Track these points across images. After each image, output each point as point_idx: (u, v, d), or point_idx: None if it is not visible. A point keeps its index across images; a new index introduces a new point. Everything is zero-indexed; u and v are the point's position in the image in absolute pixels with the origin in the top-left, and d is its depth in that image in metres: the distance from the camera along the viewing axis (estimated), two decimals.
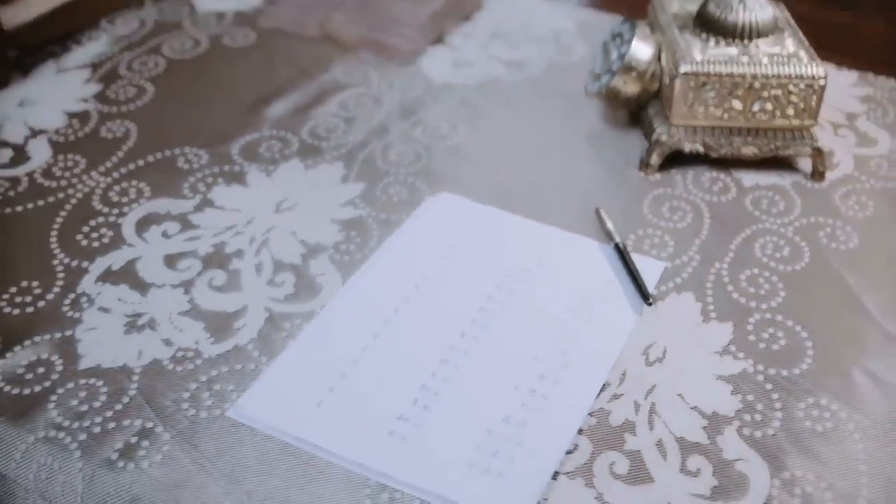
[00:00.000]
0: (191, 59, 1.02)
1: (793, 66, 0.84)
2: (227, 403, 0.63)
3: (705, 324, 0.71)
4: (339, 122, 0.92)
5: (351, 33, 1.06)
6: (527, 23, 1.12)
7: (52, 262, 0.74)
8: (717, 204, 0.84)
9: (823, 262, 0.78)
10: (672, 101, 0.85)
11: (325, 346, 0.67)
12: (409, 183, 0.85)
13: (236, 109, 0.93)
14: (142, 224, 0.78)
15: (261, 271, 0.74)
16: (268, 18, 1.09)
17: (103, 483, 0.58)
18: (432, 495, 0.57)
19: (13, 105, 0.92)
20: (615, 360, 0.67)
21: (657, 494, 0.58)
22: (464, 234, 0.79)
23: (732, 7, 0.86)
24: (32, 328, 0.68)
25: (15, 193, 0.81)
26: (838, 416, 0.64)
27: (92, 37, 1.04)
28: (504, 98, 0.98)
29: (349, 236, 0.78)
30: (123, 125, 0.90)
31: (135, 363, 0.65)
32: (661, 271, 0.76)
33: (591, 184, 0.86)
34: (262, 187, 0.83)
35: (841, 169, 0.89)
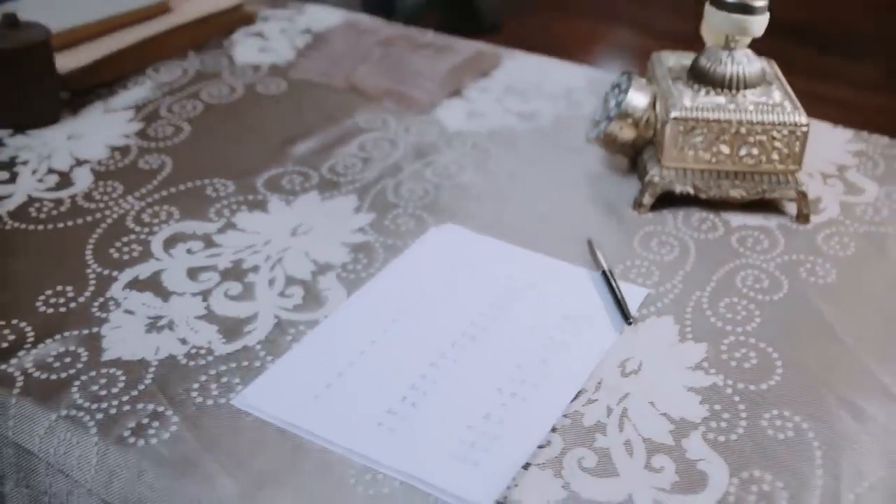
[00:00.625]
0: (226, 103, 1.11)
1: (777, 114, 0.90)
2: (232, 394, 0.69)
3: (681, 343, 0.76)
4: (357, 161, 1.00)
5: (374, 85, 1.14)
6: (541, 80, 1.20)
7: (85, 271, 0.81)
8: (704, 241, 0.89)
9: (801, 293, 0.82)
10: (664, 144, 0.92)
11: (325, 349, 0.74)
12: (417, 215, 0.91)
13: (264, 148, 1.01)
14: (169, 242, 0.86)
15: (273, 284, 0.81)
16: (299, 70, 1.19)
17: (115, 456, 0.64)
18: (412, 477, 0.62)
19: (62, 138, 1.01)
20: (592, 370, 0.72)
21: (620, 486, 0.63)
22: (462, 260, 0.85)
23: (722, 60, 0.93)
24: (63, 325, 0.75)
25: (57, 213, 0.89)
26: (800, 426, 0.68)
27: (138, 82, 1.14)
28: (512, 144, 1.05)
29: (357, 258, 0.85)
30: (160, 158, 0.99)
31: (152, 357, 0.72)
32: (644, 296, 0.81)
33: (586, 220, 0.92)
34: (281, 214, 0.90)
35: (826, 213, 0.94)
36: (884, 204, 0.96)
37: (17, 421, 0.67)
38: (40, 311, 0.76)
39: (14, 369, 0.70)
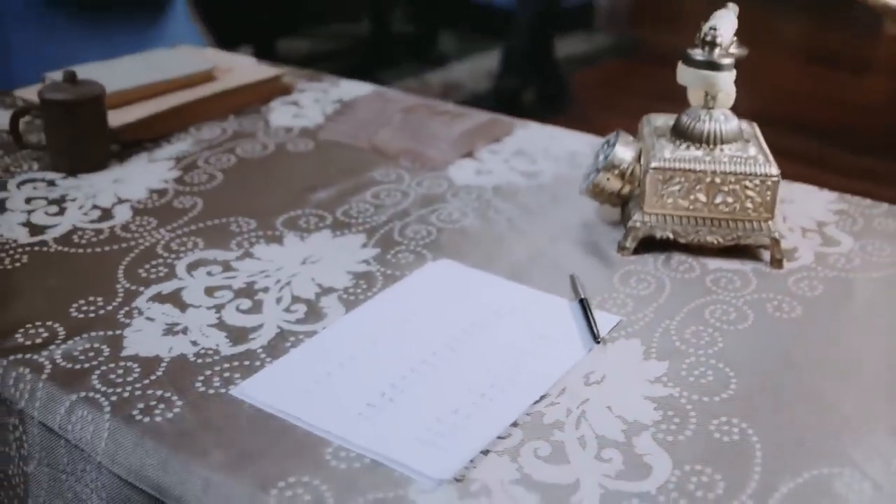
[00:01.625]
0: (258, 158, 1.23)
1: (749, 165, 0.98)
2: (231, 386, 0.77)
3: (645, 361, 0.83)
4: (370, 206, 1.10)
5: (394, 146, 1.25)
6: (548, 145, 1.29)
7: (115, 286, 0.91)
8: (680, 279, 0.96)
9: (764, 324, 0.89)
10: (645, 192, 1.00)
11: (319, 353, 0.82)
12: (417, 251, 1.00)
13: (287, 194, 1.12)
14: (192, 265, 0.96)
15: (280, 301, 0.90)
16: (326, 132, 1.30)
17: (122, 431, 0.72)
18: (380, 455, 0.70)
19: (108, 182, 1.13)
20: (557, 379, 0.79)
21: (570, 472, 0.69)
22: (453, 288, 0.93)
23: (701, 118, 1.02)
24: (91, 327, 0.85)
25: (97, 240, 1.00)
26: (746, 431, 0.74)
27: (180, 138, 1.26)
28: (513, 197, 1.14)
29: (358, 283, 0.93)
30: (193, 199, 1.10)
31: (165, 354, 0.81)
32: (616, 322, 0.88)
33: (573, 260, 1.00)
34: (294, 247, 1.00)
35: (801, 261, 1.01)
36: (857, 255, 1.02)
37: (42, 402, 0.77)
38: (72, 315, 0.86)
39: (44, 359, 0.80)
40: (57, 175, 1.14)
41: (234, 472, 0.68)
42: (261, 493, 0.66)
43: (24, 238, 1.00)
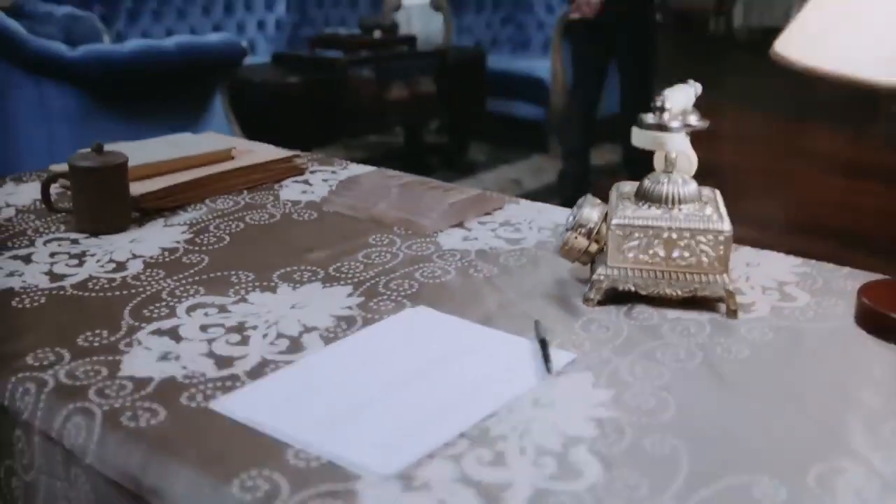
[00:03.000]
0: (265, 224, 1.34)
1: (703, 222, 1.06)
2: (212, 401, 0.86)
3: (593, 390, 0.90)
4: (360, 265, 1.20)
5: (390, 216, 1.36)
6: (535, 218, 1.39)
7: (120, 322, 1.01)
8: (638, 327, 1.04)
9: (711, 363, 0.95)
10: (608, 248, 1.08)
11: (293, 376, 0.90)
12: (398, 301, 1.09)
13: (286, 254, 1.22)
14: (191, 308, 1.06)
15: (266, 337, 0.99)
16: (329, 204, 1.42)
17: (111, 435, 0.81)
18: (334, 455, 0.77)
19: (125, 242, 1.25)
20: (507, 401, 0.86)
21: (506, 473, 0.76)
22: (426, 328, 1.02)
23: (661, 181, 1.11)
24: (93, 353, 0.94)
25: (109, 286, 1.11)
26: (677, 447, 0.80)
27: (196, 208, 1.38)
28: (495, 259, 1.23)
29: (339, 324, 1.02)
30: (200, 256, 1.21)
31: (157, 375, 0.90)
32: (571, 359, 0.95)
33: (541, 310, 1.07)
34: (286, 295, 1.10)
35: (757, 313, 1.08)
36: (812, 309, 1.09)
37: (43, 412, 0.86)
38: (78, 343, 0.96)
39: (48, 377, 0.89)
40: (81, 235, 1.26)
41: (203, 468, 0.76)
42: (224, 485, 0.74)
43: (45, 284, 1.11)
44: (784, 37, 0.94)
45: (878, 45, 0.84)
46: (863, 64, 0.85)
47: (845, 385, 0.92)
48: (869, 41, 0.85)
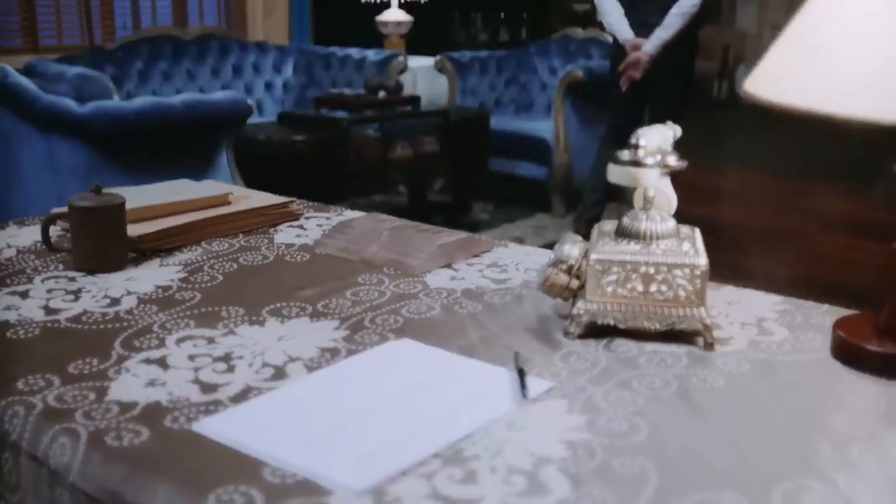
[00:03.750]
0: (258, 265, 1.37)
1: (678, 257, 1.09)
2: (194, 423, 0.88)
3: (567, 415, 0.92)
4: (348, 302, 1.23)
5: (380, 257, 1.39)
6: (522, 260, 1.42)
7: (111, 352, 1.04)
8: (616, 358, 1.06)
9: (685, 391, 0.97)
10: (588, 283, 1.11)
11: (275, 401, 0.93)
12: (383, 334, 1.12)
13: (277, 291, 1.26)
14: (181, 339, 1.08)
15: (251, 366, 1.01)
16: (322, 247, 1.45)
17: (94, 453, 0.83)
18: (310, 472, 0.79)
19: (122, 280, 1.28)
20: (482, 424, 0.88)
21: (477, 490, 0.78)
22: (407, 357, 1.04)
23: (639, 218, 1.14)
24: (82, 379, 0.97)
25: (102, 320, 1.14)
26: (647, 467, 0.82)
27: (192, 250, 1.42)
28: (480, 297, 1.26)
29: (323, 355, 1.05)
30: (193, 294, 1.24)
31: (142, 400, 0.93)
32: (548, 388, 0.98)
33: (521, 343, 1.10)
34: (274, 329, 1.13)
35: (734, 346, 1.10)
36: (789, 342, 1.11)
37: (31, 434, 0.88)
38: (69, 371, 0.99)
39: (37, 401, 0.92)
40: (78, 274, 1.30)
41: (181, 484, 0.78)
42: (201, 500, 0.76)
43: (40, 317, 1.15)
44: (752, 76, 0.98)
45: (838, 81, 0.88)
46: (824, 98, 0.88)
47: (816, 411, 0.94)
48: (829, 77, 0.89)
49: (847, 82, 0.86)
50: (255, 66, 4.97)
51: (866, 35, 0.88)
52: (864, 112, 0.85)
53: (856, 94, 0.85)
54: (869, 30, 0.88)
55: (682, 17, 3.82)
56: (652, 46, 3.84)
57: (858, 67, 0.86)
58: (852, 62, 0.87)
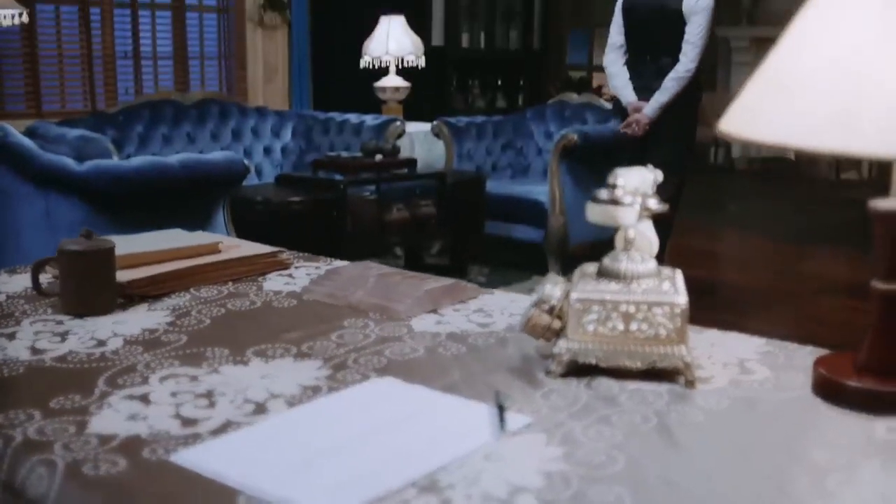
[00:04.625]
0: (245, 310, 1.38)
1: (659, 295, 1.10)
2: (172, 454, 0.89)
3: (546, 447, 0.92)
4: (332, 344, 1.23)
5: (367, 303, 1.40)
6: (507, 306, 1.43)
7: (94, 389, 1.05)
8: (596, 397, 1.06)
9: (665, 426, 0.98)
10: (569, 322, 1.12)
11: (254, 434, 0.93)
12: (365, 374, 1.13)
13: (262, 334, 1.26)
14: (164, 378, 1.09)
15: (233, 402, 1.02)
16: (310, 293, 1.46)
17: (71, 483, 0.83)
18: (283, 499, 0.79)
19: (109, 323, 1.29)
20: (459, 455, 0.89)
21: None
22: (389, 394, 1.05)
23: (620, 259, 1.15)
24: (64, 414, 0.97)
25: (87, 359, 1.15)
26: (622, 495, 0.82)
27: (181, 296, 1.43)
28: (464, 340, 1.26)
29: (304, 392, 1.05)
30: (179, 336, 1.25)
31: (122, 433, 0.93)
32: (527, 423, 0.98)
33: (503, 382, 1.10)
34: (257, 368, 1.13)
35: (715, 384, 1.10)
36: (770, 381, 1.11)
37: (9, 465, 0.88)
38: (51, 406, 1.00)
39: (17, 433, 0.93)
40: (67, 317, 1.31)
41: None
42: None
43: (26, 357, 1.15)
44: (727, 116, 1.01)
45: (806, 116, 0.90)
46: (793, 133, 0.90)
47: (795, 445, 0.94)
48: (798, 112, 0.91)
49: (815, 117, 0.89)
50: (255, 131, 5.04)
51: (833, 72, 0.90)
52: (831, 145, 0.87)
53: (823, 128, 0.87)
54: (835, 68, 0.90)
55: (677, 82, 4.03)
56: (651, 109, 4.05)
57: (825, 103, 0.88)
58: (820, 98, 0.89)
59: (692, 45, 3.97)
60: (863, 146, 0.86)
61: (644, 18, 4.12)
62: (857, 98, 0.87)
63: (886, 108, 0.86)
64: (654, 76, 4.09)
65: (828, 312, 4.17)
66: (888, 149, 0.84)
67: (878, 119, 0.85)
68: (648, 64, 4.13)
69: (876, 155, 0.85)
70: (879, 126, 0.85)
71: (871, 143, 0.85)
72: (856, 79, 0.88)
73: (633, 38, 4.17)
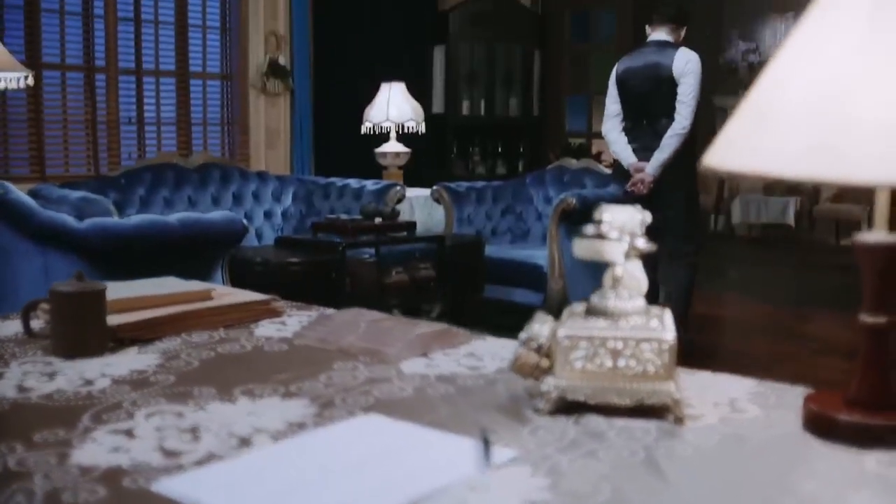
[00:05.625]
0: (235, 354, 1.38)
1: (646, 332, 1.10)
2: (153, 483, 0.88)
3: (531, 478, 0.91)
4: (321, 385, 1.23)
5: (357, 347, 1.40)
6: (498, 351, 1.43)
7: (78, 424, 1.04)
8: (585, 432, 1.05)
9: (653, 459, 0.97)
10: (556, 359, 1.12)
11: (237, 465, 0.92)
12: (352, 412, 1.12)
13: (251, 375, 1.26)
14: (150, 414, 1.08)
15: (218, 436, 1.01)
16: (301, 339, 1.46)
17: None
18: None
19: (99, 365, 1.29)
20: (441, 485, 0.88)
21: None
22: (377, 429, 1.04)
23: (608, 297, 1.16)
24: (46, 447, 0.97)
25: (74, 398, 1.14)
26: None
27: (172, 340, 1.43)
28: (453, 382, 1.26)
29: (290, 428, 1.05)
30: (168, 377, 1.25)
31: (104, 464, 0.92)
32: (511, 457, 0.97)
33: (492, 420, 1.10)
34: (244, 406, 1.13)
35: (705, 422, 1.09)
36: (760, 420, 1.11)
37: None
38: (34, 439, 0.99)
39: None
40: (56, 359, 1.31)
41: None
42: None
43: (12, 394, 1.15)
44: (710, 151, 1.02)
45: (787, 144, 0.91)
46: (774, 161, 0.92)
47: (784, 478, 0.93)
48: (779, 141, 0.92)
49: (796, 145, 0.90)
50: (256, 195, 5.09)
51: (814, 101, 0.91)
52: (811, 173, 0.88)
53: (804, 156, 0.89)
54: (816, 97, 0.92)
55: (675, 139, 4.25)
56: (653, 168, 4.24)
57: (806, 131, 0.90)
58: (801, 126, 0.90)
59: (685, 105, 4.17)
60: (844, 173, 0.87)
61: (637, 86, 4.34)
62: (838, 126, 0.88)
63: (867, 134, 0.87)
64: (652, 137, 4.28)
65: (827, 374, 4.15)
66: (869, 175, 0.85)
67: (859, 146, 0.86)
68: (645, 127, 4.34)
69: (857, 181, 0.86)
70: (861, 152, 0.86)
71: (853, 169, 0.86)
72: (837, 107, 0.90)
73: (629, 105, 4.39)
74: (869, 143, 0.86)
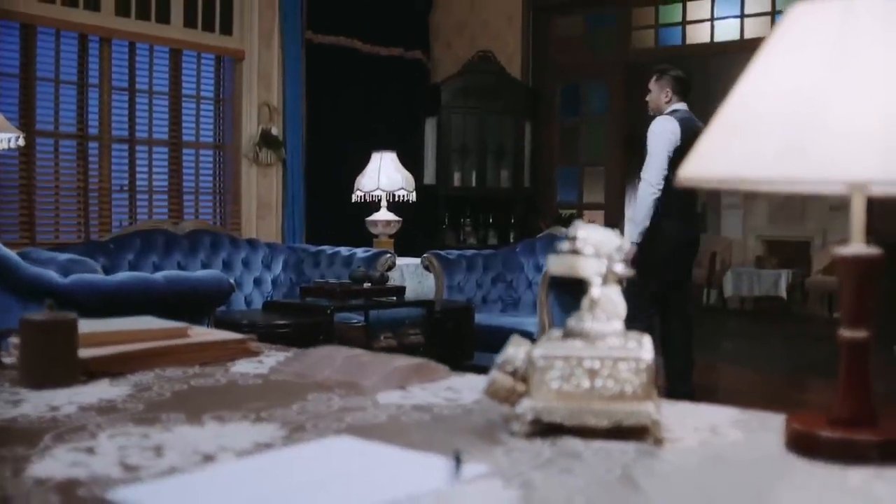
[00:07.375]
0: (209, 387, 1.35)
1: (623, 352, 1.08)
2: (109, 492, 0.85)
3: (503, 491, 0.88)
4: (293, 413, 1.20)
5: (333, 380, 1.37)
6: (477, 384, 1.40)
7: (39, 443, 1.01)
8: (560, 452, 1.02)
9: (630, 476, 0.94)
10: (532, 381, 1.09)
11: (197, 478, 0.89)
12: (324, 434, 1.09)
13: (222, 404, 1.23)
14: (113, 435, 1.05)
15: (182, 454, 0.98)
16: (277, 373, 1.43)
17: None
18: None
19: (68, 395, 1.26)
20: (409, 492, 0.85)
21: None
22: (346, 448, 1.01)
23: (585, 319, 1.14)
24: (3, 462, 0.94)
25: (38, 421, 1.11)
26: None
27: (145, 374, 1.40)
28: (429, 411, 1.23)
29: (257, 447, 1.02)
30: (137, 405, 1.22)
31: (60, 476, 0.89)
32: (484, 472, 0.94)
33: (466, 442, 1.07)
34: (212, 430, 1.10)
35: (685, 444, 1.07)
36: (741, 443, 1.08)
37: None
38: None
39: None
40: (24, 389, 1.28)
41: None
42: None
43: None
44: (684, 165, 1.02)
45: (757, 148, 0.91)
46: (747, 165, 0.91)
47: (767, 495, 0.90)
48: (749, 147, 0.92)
49: (765, 149, 0.90)
50: (245, 262, 5.08)
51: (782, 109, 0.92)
52: (781, 174, 0.87)
53: (773, 159, 0.88)
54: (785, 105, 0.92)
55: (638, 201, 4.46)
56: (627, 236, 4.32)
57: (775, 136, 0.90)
58: (770, 131, 0.90)
59: (646, 165, 4.42)
60: (811, 174, 0.86)
61: None
62: (808, 129, 0.89)
63: (835, 137, 0.87)
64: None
65: None
66: (837, 174, 0.85)
67: (827, 147, 0.86)
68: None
69: (823, 181, 0.85)
70: (830, 153, 0.86)
71: (822, 169, 0.86)
72: (807, 112, 0.90)
73: None
74: (837, 145, 0.86)
